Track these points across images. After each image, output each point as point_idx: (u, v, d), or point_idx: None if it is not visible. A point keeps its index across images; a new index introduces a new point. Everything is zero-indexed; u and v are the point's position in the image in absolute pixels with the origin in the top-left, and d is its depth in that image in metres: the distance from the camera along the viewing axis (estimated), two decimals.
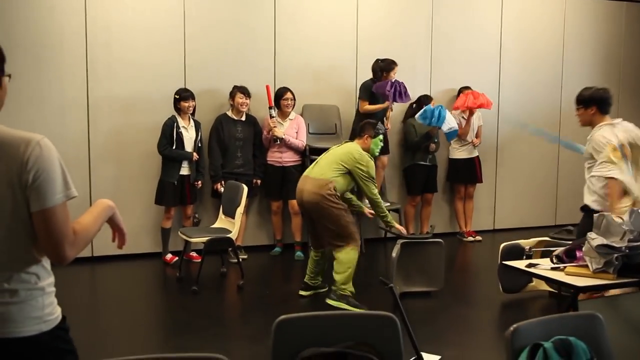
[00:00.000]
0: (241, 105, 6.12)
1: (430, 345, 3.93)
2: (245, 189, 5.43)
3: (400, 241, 4.98)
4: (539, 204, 8.06)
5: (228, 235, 5.31)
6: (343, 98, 6.90)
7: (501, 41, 7.65)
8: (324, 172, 4.79)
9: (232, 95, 6.17)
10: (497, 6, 7.59)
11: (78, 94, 6.00)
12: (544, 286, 5.00)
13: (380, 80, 6.39)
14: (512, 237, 6.17)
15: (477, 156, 7.29)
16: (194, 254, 6.14)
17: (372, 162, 4.90)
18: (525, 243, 4.97)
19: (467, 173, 7.22)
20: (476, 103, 6.91)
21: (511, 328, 2.13)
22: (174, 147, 5.86)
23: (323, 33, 6.80)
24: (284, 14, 6.63)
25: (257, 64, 6.57)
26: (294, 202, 6.24)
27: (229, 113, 6.20)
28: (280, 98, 6.28)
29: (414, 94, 6.90)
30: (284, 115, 6.31)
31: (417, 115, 6.52)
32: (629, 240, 3.10)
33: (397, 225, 5.02)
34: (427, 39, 7.27)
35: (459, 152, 7.21)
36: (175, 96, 5.94)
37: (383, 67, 6.44)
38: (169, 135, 5.86)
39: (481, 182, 7.36)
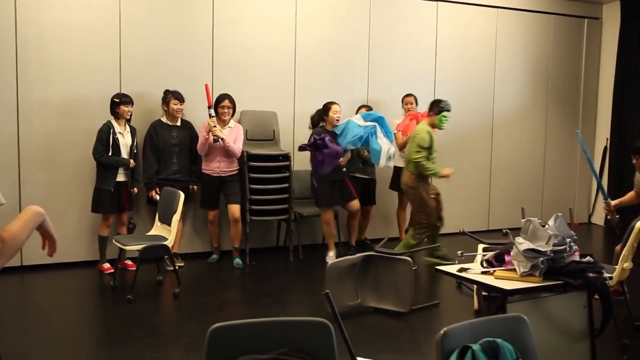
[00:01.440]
0: (176, 111, 6.04)
1: (367, 349, 3.98)
2: (182, 195, 5.37)
3: (363, 254, 5.07)
4: (472, 209, 8.29)
5: (164, 243, 5.23)
6: (281, 104, 6.93)
7: (436, 50, 7.84)
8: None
9: (165, 101, 6.08)
10: (432, 17, 7.78)
11: (7, 95, 5.81)
12: None
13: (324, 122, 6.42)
14: (448, 242, 6.36)
15: None
16: (129, 262, 6.03)
17: (426, 135, 6.07)
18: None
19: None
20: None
21: (441, 332, 2.18)
22: (109, 154, 5.73)
23: (262, 38, 6.82)
24: (222, 18, 6.61)
25: (194, 68, 6.52)
26: (233, 209, 6.21)
27: (163, 119, 6.11)
28: (217, 105, 6.19)
29: (352, 100, 7.00)
30: (222, 123, 6.21)
31: (347, 141, 6.28)
32: (554, 245, 3.23)
33: (445, 171, 6.12)
34: (364, 46, 7.38)
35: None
36: (115, 100, 5.80)
37: (321, 113, 6.45)
38: (105, 141, 5.72)
39: None
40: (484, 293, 5.00)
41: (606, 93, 8.96)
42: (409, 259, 4.95)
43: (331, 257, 6.36)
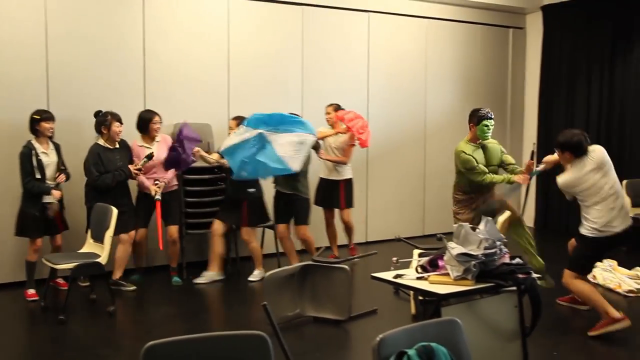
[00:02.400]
0: (118, 134, 5.76)
1: (308, 359, 3.99)
2: (115, 211, 5.23)
3: (301, 264, 5.08)
4: (407, 214, 8.43)
5: (97, 260, 5.09)
6: (215, 116, 6.86)
7: (369, 60, 7.96)
8: None
9: (106, 124, 5.69)
10: (364, 27, 7.89)
11: None
12: None
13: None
14: (384, 249, 6.43)
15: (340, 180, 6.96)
16: (60, 280, 5.82)
17: (463, 154, 5.53)
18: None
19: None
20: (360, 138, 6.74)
21: (377, 338, 2.21)
22: (36, 176, 5.40)
23: (194, 50, 6.75)
24: (153, 31, 6.51)
25: (125, 82, 6.39)
26: (173, 230, 6.09)
27: (102, 142, 5.72)
28: (149, 122, 5.96)
29: (287, 110, 7.01)
30: (151, 139, 6.03)
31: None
32: (485, 248, 3.32)
33: (518, 178, 5.46)
34: (298, 56, 7.42)
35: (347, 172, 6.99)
36: (35, 117, 5.48)
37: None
38: (28, 166, 5.39)
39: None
40: (420, 298, 5.11)
41: (532, 100, 9.31)
42: (346, 267, 4.98)
43: (256, 275, 6.26)
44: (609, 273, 5.98)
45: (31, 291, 5.57)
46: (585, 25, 8.46)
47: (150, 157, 5.82)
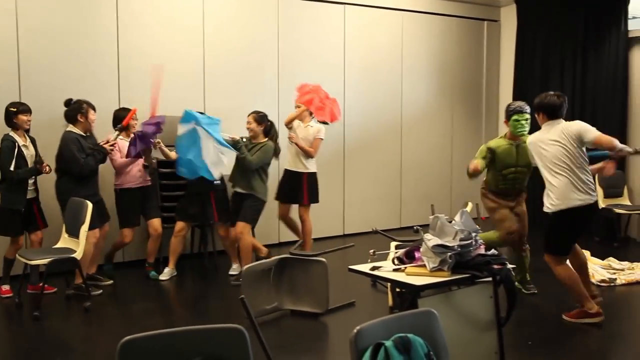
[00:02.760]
0: (93, 122, 5.65)
1: (286, 352, 4.00)
2: (90, 205, 5.16)
3: (278, 257, 5.07)
4: (384, 207, 8.47)
5: (72, 255, 5.03)
6: (191, 106, 6.74)
7: (344, 52, 7.96)
8: None
9: (82, 112, 5.54)
10: (339, 20, 7.89)
11: None
12: None
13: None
14: (361, 241, 6.45)
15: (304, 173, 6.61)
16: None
17: (483, 145, 5.55)
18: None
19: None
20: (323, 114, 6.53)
21: (354, 330, 2.22)
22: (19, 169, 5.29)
23: (169, 41, 6.68)
24: (127, 22, 6.43)
25: (99, 75, 6.31)
26: (157, 224, 6.06)
27: (76, 130, 5.54)
28: (125, 117, 5.83)
29: (263, 102, 6.97)
30: (128, 135, 5.92)
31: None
32: (461, 239, 3.35)
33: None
34: (273, 48, 7.39)
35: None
36: (11, 109, 5.34)
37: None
38: (12, 157, 5.23)
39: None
40: (398, 290, 5.15)
41: (506, 92, 9.38)
42: (323, 259, 4.99)
43: (234, 269, 6.25)
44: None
45: (5, 287, 5.48)
46: (558, 17, 8.55)
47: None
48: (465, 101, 9.24)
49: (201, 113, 5.98)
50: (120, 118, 5.82)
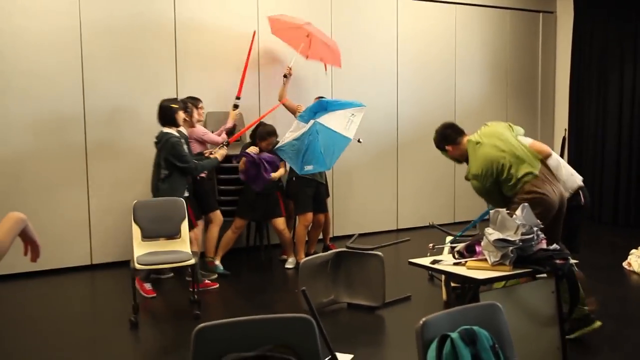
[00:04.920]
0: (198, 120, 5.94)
1: (344, 344, 4.05)
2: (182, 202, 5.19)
3: (335, 250, 5.15)
4: (438, 201, 8.43)
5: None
6: (245, 105, 6.91)
7: (397, 47, 7.94)
8: None
9: (188, 111, 5.61)
10: (392, 14, 7.88)
11: None
12: None
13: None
14: (414, 235, 6.45)
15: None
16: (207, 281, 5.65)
17: None
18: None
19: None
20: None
21: (420, 322, 2.25)
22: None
23: (222, 35, 6.78)
24: (183, 21, 6.58)
25: (159, 71, 6.48)
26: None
27: (176, 132, 5.42)
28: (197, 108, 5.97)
29: (317, 94, 7.00)
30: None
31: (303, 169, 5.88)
32: (522, 234, 3.33)
33: None
34: None
35: None
36: (173, 106, 5.36)
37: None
38: (185, 151, 5.33)
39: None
40: (452, 284, 5.14)
41: (563, 85, 9.21)
42: (380, 254, 5.02)
43: (291, 262, 6.35)
44: None
45: (148, 287, 5.42)
46: (617, 9, 8.32)
47: (227, 144, 5.85)
48: (520, 95, 9.10)
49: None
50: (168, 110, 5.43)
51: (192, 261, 4.78)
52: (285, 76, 6.62)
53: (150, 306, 5.14)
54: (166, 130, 5.36)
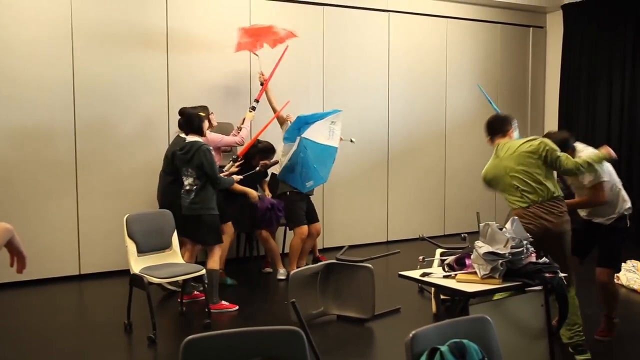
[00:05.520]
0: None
1: (334, 357, 4.03)
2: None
3: (325, 262, 5.16)
4: (428, 214, 8.44)
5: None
6: (240, 117, 6.91)
7: (389, 60, 7.98)
8: None
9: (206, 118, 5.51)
10: (384, 27, 7.92)
11: None
12: None
13: None
14: (404, 248, 6.45)
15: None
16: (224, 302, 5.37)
17: None
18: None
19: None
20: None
21: (410, 335, 2.24)
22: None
23: (216, 50, 6.79)
24: (176, 29, 6.59)
25: (150, 81, 6.48)
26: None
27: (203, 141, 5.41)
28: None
29: (307, 107, 7.02)
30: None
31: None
32: (512, 247, 3.34)
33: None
34: (319, 57, 7.46)
35: None
36: (201, 114, 5.28)
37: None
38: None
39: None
40: (442, 297, 5.14)
41: (552, 99, 9.28)
42: (370, 266, 5.01)
43: (282, 274, 6.32)
44: (632, 274, 5.95)
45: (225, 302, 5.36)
46: (606, 24, 8.42)
47: (236, 159, 5.73)
48: (511, 108, 9.11)
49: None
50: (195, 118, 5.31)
51: (203, 271, 4.85)
52: (261, 84, 6.54)
53: (143, 318, 5.06)
54: (193, 138, 5.19)
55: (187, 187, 5.17)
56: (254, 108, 6.37)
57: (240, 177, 5.63)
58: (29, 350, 4.40)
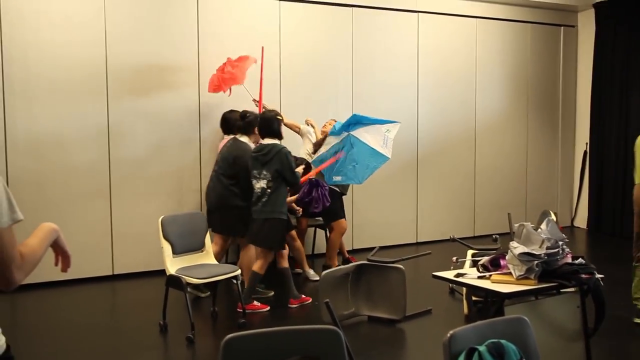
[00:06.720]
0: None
1: (366, 358, 4.03)
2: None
3: (356, 263, 5.16)
4: (458, 215, 8.40)
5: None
6: None
7: (418, 61, 7.96)
8: None
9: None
10: (413, 28, 7.90)
11: None
12: None
13: None
14: (434, 249, 6.41)
15: None
16: (256, 303, 5.37)
17: None
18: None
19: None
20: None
21: (448, 334, 2.24)
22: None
23: (245, 51, 6.83)
24: (206, 32, 6.65)
25: (181, 81, 6.55)
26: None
27: (250, 142, 5.64)
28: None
29: (337, 114, 7.03)
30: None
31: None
32: (547, 248, 3.31)
33: None
34: (348, 58, 7.47)
35: None
36: (279, 117, 5.34)
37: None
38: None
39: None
40: (473, 298, 5.11)
41: (584, 99, 9.16)
42: (401, 267, 5.01)
43: (313, 275, 6.32)
44: None
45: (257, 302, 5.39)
46: (638, 22, 8.27)
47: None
48: (541, 109, 9.06)
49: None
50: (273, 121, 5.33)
51: (238, 272, 4.90)
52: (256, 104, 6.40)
53: (180, 319, 5.09)
54: (272, 141, 5.24)
55: (259, 191, 5.22)
56: None
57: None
58: (63, 349, 4.48)
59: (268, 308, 5.34)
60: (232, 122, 5.89)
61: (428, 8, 7.97)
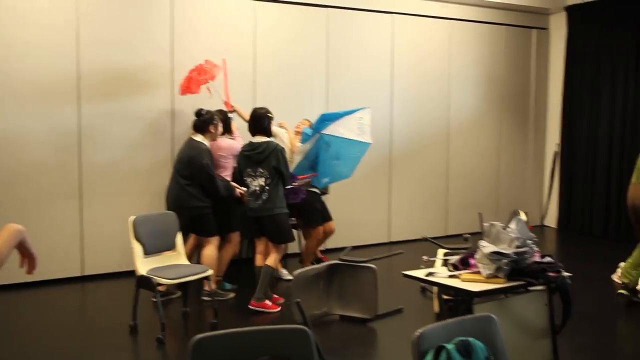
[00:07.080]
0: (219, 134, 5.83)
1: (337, 356, 4.04)
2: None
3: (328, 263, 5.17)
4: (431, 215, 8.45)
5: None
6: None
7: (393, 62, 7.99)
8: None
9: (214, 123, 5.63)
10: (387, 29, 7.93)
11: None
12: None
13: None
14: (407, 248, 6.45)
15: None
16: (267, 302, 5.34)
17: None
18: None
19: None
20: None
21: (416, 333, 2.26)
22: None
23: (220, 52, 6.80)
24: (182, 28, 6.59)
25: (154, 79, 6.50)
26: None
27: (205, 141, 5.61)
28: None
29: (311, 113, 7.03)
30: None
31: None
32: (516, 247, 3.36)
33: None
34: (322, 59, 7.46)
35: None
36: (269, 115, 5.36)
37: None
38: None
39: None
40: (445, 297, 5.15)
41: (555, 100, 9.28)
42: (373, 266, 5.03)
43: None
44: None
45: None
46: (610, 25, 8.41)
47: None
48: (513, 110, 9.17)
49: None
50: (263, 118, 5.38)
51: (210, 272, 4.95)
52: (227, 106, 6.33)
53: (151, 319, 5.05)
54: (263, 139, 5.25)
55: (257, 189, 5.20)
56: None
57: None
58: (32, 352, 4.41)
59: (279, 309, 5.30)
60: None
61: (403, 9, 8.00)
